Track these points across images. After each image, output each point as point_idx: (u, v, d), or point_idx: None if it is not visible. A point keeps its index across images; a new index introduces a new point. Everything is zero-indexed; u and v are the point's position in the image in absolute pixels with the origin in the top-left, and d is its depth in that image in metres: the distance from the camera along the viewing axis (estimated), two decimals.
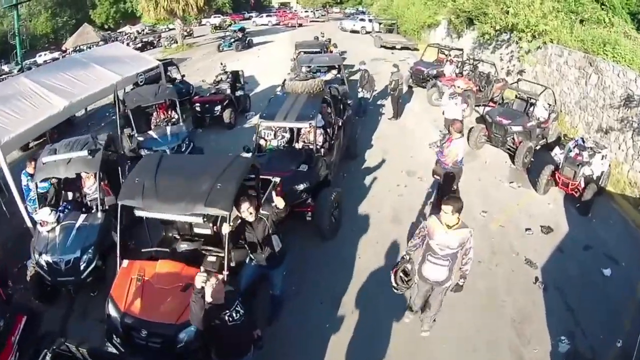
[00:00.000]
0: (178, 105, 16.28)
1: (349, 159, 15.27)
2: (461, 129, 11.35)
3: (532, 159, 14.87)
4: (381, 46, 39.86)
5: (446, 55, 23.55)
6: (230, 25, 64.06)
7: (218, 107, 19.17)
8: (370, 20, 52.09)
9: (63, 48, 64.18)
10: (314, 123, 11.56)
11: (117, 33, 73.57)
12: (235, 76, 21.64)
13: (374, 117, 20.37)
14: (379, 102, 22.28)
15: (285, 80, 15.05)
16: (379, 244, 11.03)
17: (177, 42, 49.69)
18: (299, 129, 12.65)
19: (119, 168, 11.51)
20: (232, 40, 43.51)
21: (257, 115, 17.16)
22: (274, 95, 16.96)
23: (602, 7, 20.93)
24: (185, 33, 56.99)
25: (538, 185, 13.16)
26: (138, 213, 7.62)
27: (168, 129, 15.28)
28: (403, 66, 27.80)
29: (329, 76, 19.58)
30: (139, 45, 52.74)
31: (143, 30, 73.71)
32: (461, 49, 23.45)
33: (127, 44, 51.84)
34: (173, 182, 7.42)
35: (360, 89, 19.50)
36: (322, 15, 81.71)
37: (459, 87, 15.06)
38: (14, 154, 13.57)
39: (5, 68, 54.49)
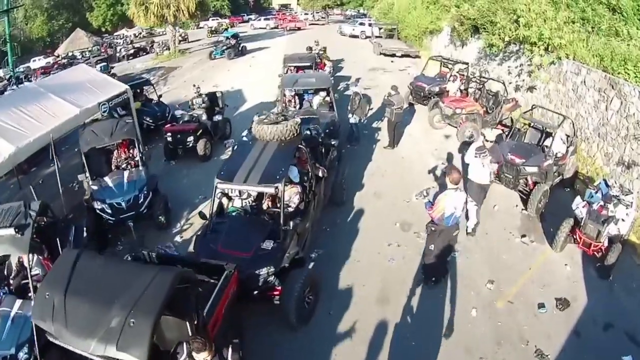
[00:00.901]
0: (139, 144, 14.27)
1: (335, 205, 13.23)
2: (458, 181, 9.27)
3: (546, 201, 12.79)
4: (380, 53, 37.55)
5: (450, 69, 21.19)
6: (226, 29, 62.33)
7: (191, 138, 17.07)
8: (370, 25, 49.87)
9: (55, 54, 62.76)
10: (281, 186, 9.49)
11: (113, 37, 72.40)
12: (213, 99, 19.58)
13: (368, 144, 18.22)
14: (374, 125, 20.20)
15: (253, 121, 11.77)
16: (360, 334, 8.98)
17: (169, 49, 48.07)
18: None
19: (57, 238, 9.80)
20: (224, 47, 41.40)
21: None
22: (237, 143, 14.82)
23: (614, 14, 18.66)
24: (180, 38, 56.07)
25: (555, 243, 11.07)
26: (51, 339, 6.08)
27: (125, 174, 13.14)
28: (403, 78, 26.51)
29: (317, 100, 17.51)
30: (131, 51, 52.35)
31: (140, 33, 72.47)
32: (466, 63, 21.09)
33: (119, 50, 51.98)
34: (84, 305, 5.89)
35: (350, 115, 17.31)
36: (322, 18, 79.87)
37: (487, 140, 12.22)
38: None
39: (0, 73, 53.21)
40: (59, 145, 17.04)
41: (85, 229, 10.86)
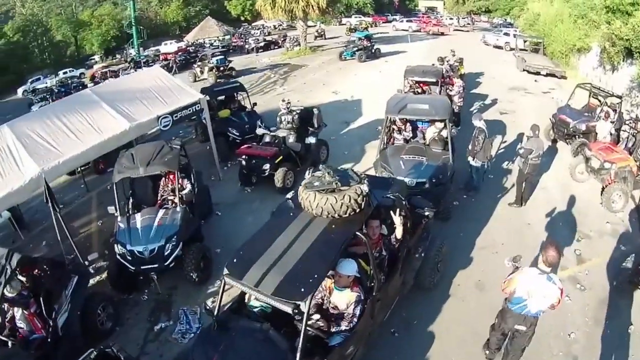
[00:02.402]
0: (192, 174, 12.79)
1: (419, 290, 9.90)
2: (553, 263, 6.90)
3: None
4: (524, 70, 34.01)
5: (600, 103, 17.91)
6: (366, 28, 60.21)
7: (267, 166, 14.66)
8: (514, 36, 45.80)
9: (185, 40, 63.98)
10: (304, 306, 6.22)
11: (251, 27, 73.16)
12: (305, 117, 16.73)
13: (487, 197, 14.60)
14: (504, 166, 16.81)
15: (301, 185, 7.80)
16: None
17: (299, 45, 47.16)
18: None
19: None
20: (356, 48, 39.26)
21: None
22: (277, 209, 9.05)
23: None
24: (316, 34, 56.55)
25: None
26: None
27: (158, 215, 10.93)
28: (545, 103, 23.92)
29: (431, 132, 14.46)
30: (262, 44, 51.84)
31: (280, 25, 72.12)
32: (620, 97, 17.85)
33: (249, 42, 52.07)
34: None
35: (471, 157, 14.18)
36: (467, 24, 75.64)
37: None
38: None
39: (132, 53, 56.17)
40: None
41: (107, 272, 10.88)
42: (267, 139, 15.77)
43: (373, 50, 40.07)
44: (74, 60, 70.13)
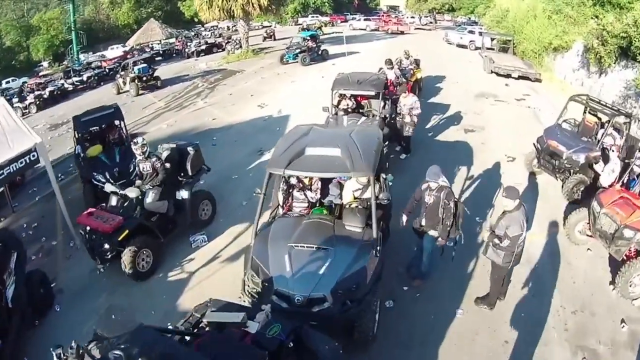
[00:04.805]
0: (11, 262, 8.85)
1: None
2: None
3: None
4: (492, 72, 29.54)
5: (599, 121, 13.13)
6: (320, 27, 56.84)
7: (107, 246, 9.60)
8: (480, 34, 41.98)
9: (127, 44, 59.51)
10: None
11: (205, 29, 68.64)
12: (178, 160, 11.64)
13: (443, 286, 9.45)
14: (473, 224, 11.30)
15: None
16: None
17: (241, 47, 43.36)
18: None
19: None
20: (298, 50, 34.68)
21: (208, 242, 11.16)
22: None
23: None
24: (265, 34, 54.66)
25: None
26: None
27: None
28: (521, 115, 20.52)
29: (350, 189, 9.11)
30: (203, 47, 47.75)
31: (234, 25, 67.79)
32: (629, 115, 12.91)
33: (188, 45, 49.26)
34: None
35: (433, 232, 8.79)
36: (429, 23, 72.96)
37: None
38: None
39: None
40: None
41: None
42: (113, 201, 10.48)
43: (319, 52, 35.83)
44: (26, 67, 65.37)
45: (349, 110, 14.53)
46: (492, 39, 37.57)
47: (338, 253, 7.46)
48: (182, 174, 11.52)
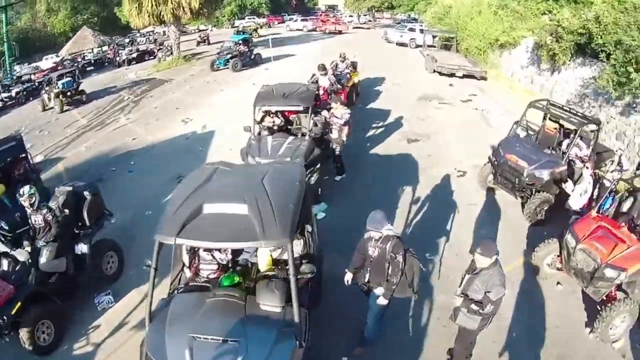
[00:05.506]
0: None
1: None
2: None
3: None
4: (435, 71, 28.26)
5: (561, 128, 11.84)
6: (255, 29, 55.77)
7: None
8: (421, 31, 41.29)
9: (59, 54, 56.69)
10: None
11: (139, 34, 65.86)
12: (74, 207, 9.42)
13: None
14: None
15: None
16: None
17: (172, 54, 41.10)
18: None
19: None
20: (229, 55, 32.69)
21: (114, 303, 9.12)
22: None
23: None
24: (199, 39, 52.24)
25: None
26: None
27: None
28: (469, 118, 19.42)
29: (264, 255, 7.24)
30: (134, 55, 44.88)
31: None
32: (598, 122, 11.36)
33: (119, 53, 46.31)
34: None
35: (378, 289, 7.03)
36: (368, 21, 72.18)
37: None
38: None
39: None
40: None
41: None
42: (4, 264, 8.43)
43: (252, 57, 34.03)
44: None
45: (275, 128, 12.56)
46: (434, 37, 36.97)
47: (250, 347, 5.54)
48: (80, 223, 9.44)
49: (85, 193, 9.43)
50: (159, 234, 6.08)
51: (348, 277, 7.28)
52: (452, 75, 27.06)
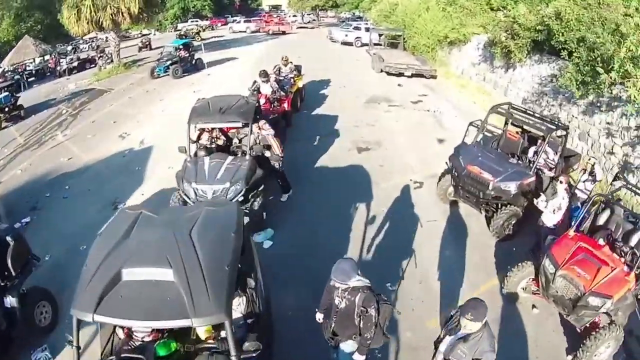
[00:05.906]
0: None
1: None
2: None
3: None
4: (382, 71, 27.40)
5: (524, 133, 11.18)
6: (198, 32, 54.85)
7: None
8: (367, 30, 40.93)
9: (1, 65, 54.04)
10: None
11: (82, 41, 65.01)
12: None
13: None
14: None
15: None
16: None
17: (112, 61, 39.79)
18: None
19: None
20: (169, 62, 31.16)
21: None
22: None
23: None
24: (141, 44, 51.52)
25: None
26: None
27: None
28: (421, 121, 18.89)
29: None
30: (75, 64, 43.21)
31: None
32: (566, 128, 10.70)
33: (60, 62, 44.59)
34: None
35: (347, 344, 6.06)
36: (312, 21, 72.13)
37: None
38: None
39: None
40: None
41: None
42: None
43: (193, 62, 32.76)
44: None
45: (213, 147, 11.35)
46: (380, 35, 36.27)
47: None
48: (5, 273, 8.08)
49: (8, 238, 8.05)
50: (75, 309, 4.99)
51: (319, 316, 6.29)
52: (400, 74, 26.31)
